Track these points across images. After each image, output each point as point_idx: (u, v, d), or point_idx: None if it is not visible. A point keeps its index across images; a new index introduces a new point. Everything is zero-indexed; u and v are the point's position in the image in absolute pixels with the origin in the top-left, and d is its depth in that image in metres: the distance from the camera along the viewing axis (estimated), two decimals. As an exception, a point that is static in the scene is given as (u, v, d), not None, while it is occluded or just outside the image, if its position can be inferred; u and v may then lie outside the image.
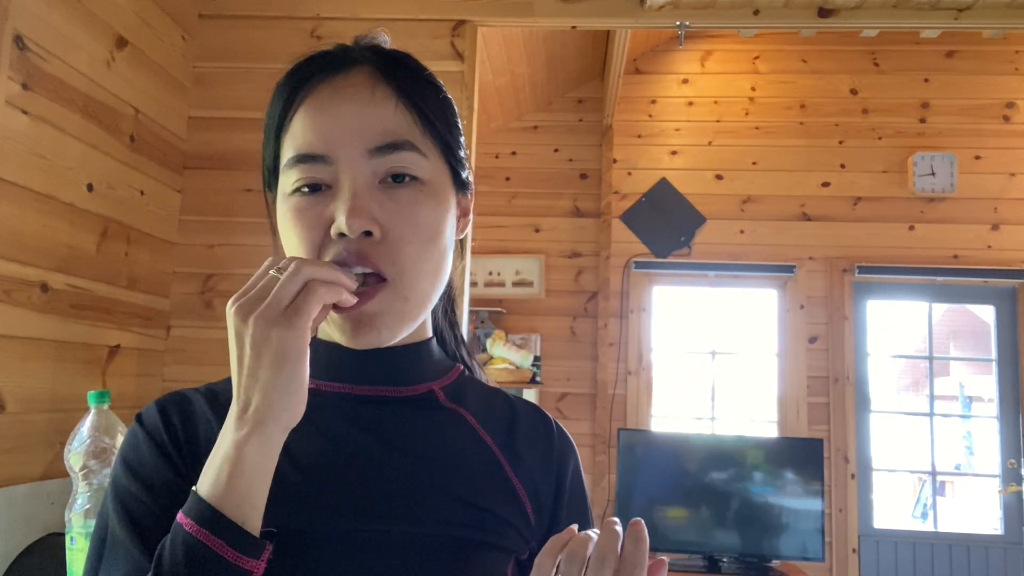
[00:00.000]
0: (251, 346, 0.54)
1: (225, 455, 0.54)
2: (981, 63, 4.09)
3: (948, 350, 5.58)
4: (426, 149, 0.66)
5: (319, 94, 0.65)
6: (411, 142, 0.65)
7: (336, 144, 0.63)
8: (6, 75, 1.48)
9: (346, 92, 0.65)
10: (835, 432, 3.86)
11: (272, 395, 0.54)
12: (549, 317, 4.05)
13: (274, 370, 0.54)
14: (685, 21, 2.28)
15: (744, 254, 4.00)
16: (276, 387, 0.54)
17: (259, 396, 0.54)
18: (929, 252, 3.94)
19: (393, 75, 0.67)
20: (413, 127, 0.66)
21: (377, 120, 0.64)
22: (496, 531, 0.66)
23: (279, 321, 0.54)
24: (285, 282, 0.55)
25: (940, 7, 2.25)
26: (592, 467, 3.90)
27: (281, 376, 0.54)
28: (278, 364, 0.54)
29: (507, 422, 0.75)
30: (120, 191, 1.86)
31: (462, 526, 0.64)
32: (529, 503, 0.70)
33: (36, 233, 1.58)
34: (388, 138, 0.64)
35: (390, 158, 0.64)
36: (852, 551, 3.78)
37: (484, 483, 0.68)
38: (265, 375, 0.54)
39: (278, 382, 0.54)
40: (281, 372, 0.54)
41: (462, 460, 0.69)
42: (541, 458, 0.73)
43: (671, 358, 4.09)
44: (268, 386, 0.54)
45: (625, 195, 4.10)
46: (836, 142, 4.07)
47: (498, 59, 3.41)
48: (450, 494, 0.65)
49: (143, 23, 1.94)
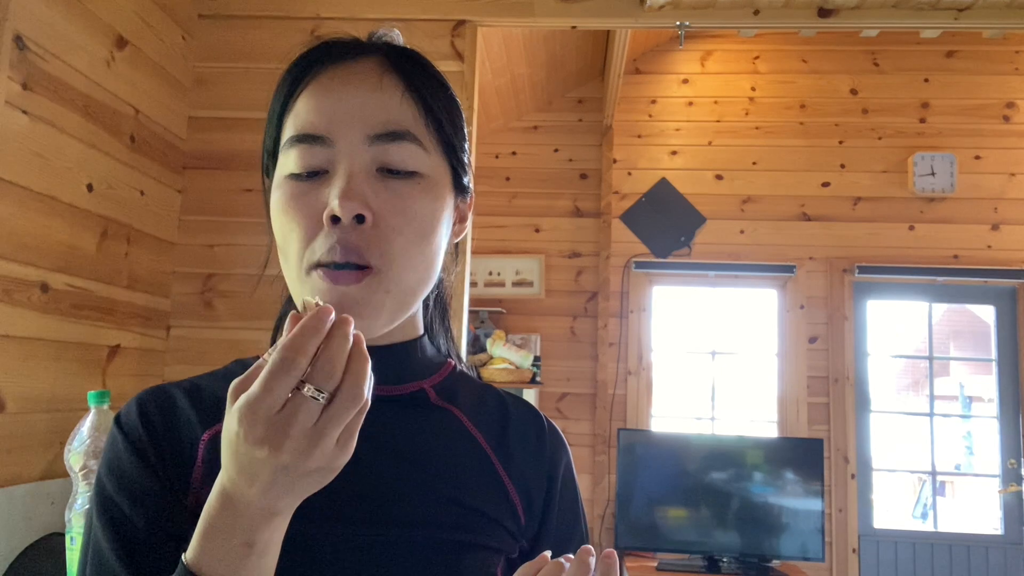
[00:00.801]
0: (280, 472, 0.47)
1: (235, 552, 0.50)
2: (981, 63, 4.09)
3: (948, 350, 5.58)
4: (428, 144, 0.65)
5: (326, 78, 0.64)
6: (414, 134, 0.64)
7: (337, 127, 0.62)
8: (6, 75, 1.48)
9: (353, 78, 0.64)
10: (835, 432, 3.86)
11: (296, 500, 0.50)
12: (549, 317, 4.05)
13: (312, 489, 0.50)
14: (685, 21, 2.28)
15: (744, 254, 4.00)
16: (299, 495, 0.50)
17: (287, 501, 0.50)
18: (929, 252, 3.94)
19: (402, 67, 0.66)
20: (417, 120, 0.65)
21: (381, 108, 0.63)
22: (487, 532, 0.66)
23: (331, 463, 0.48)
24: (337, 416, 0.47)
25: (940, 7, 2.25)
26: (592, 467, 3.90)
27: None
28: (318, 485, 0.50)
29: (499, 420, 0.74)
30: (120, 191, 1.86)
31: (453, 528, 0.64)
32: (520, 503, 0.69)
33: (36, 233, 1.58)
34: (391, 127, 0.63)
35: (391, 147, 0.63)
36: (852, 551, 3.78)
37: (475, 483, 0.67)
38: (298, 496, 0.50)
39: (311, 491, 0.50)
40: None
41: (453, 460, 0.68)
42: (533, 457, 0.73)
43: (671, 358, 4.09)
44: (294, 502, 0.50)
45: (625, 195, 4.10)
46: (836, 142, 4.07)
47: (498, 59, 3.41)
48: (441, 495, 0.65)
49: (143, 23, 1.94)
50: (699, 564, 3.42)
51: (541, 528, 0.71)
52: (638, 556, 3.62)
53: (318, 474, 0.48)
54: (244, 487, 0.48)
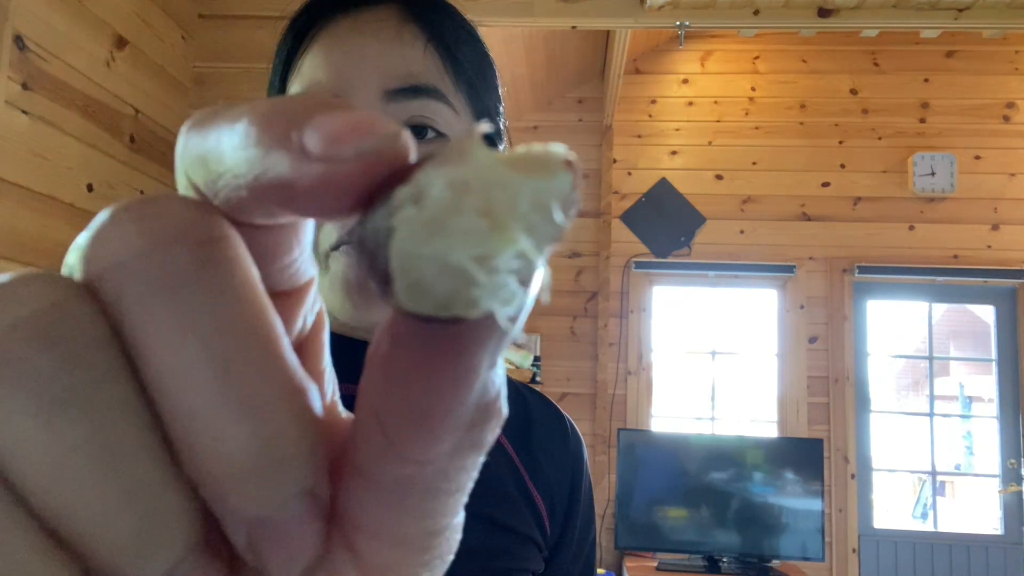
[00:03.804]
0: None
1: None
2: (981, 63, 4.09)
3: (948, 350, 5.58)
4: (457, 104, 0.56)
5: (336, 29, 0.55)
6: (440, 91, 0.55)
7: (349, 82, 0.53)
8: (6, 75, 1.48)
9: (368, 27, 0.55)
10: (835, 432, 3.86)
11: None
12: (549, 317, 4.05)
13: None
14: (685, 21, 2.28)
15: (744, 254, 4.00)
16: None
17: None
18: (929, 252, 3.94)
19: (425, 16, 0.57)
20: (444, 76, 0.56)
21: (400, 60, 0.54)
22: (521, 554, 0.60)
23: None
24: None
25: (940, 7, 2.25)
26: (592, 467, 3.88)
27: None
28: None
29: (522, 421, 0.67)
30: (120, 191, 1.86)
31: (494, 555, 0.58)
32: (545, 511, 0.64)
33: (36, 233, 1.58)
34: (411, 80, 0.54)
35: (412, 104, 0.54)
36: (852, 551, 3.78)
37: (508, 499, 0.61)
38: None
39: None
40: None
41: (488, 476, 0.58)
42: (557, 463, 0.67)
43: (671, 358, 4.09)
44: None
45: (625, 195, 4.10)
46: (836, 142, 4.07)
47: (498, 59, 3.38)
48: (480, 518, 0.56)
49: (143, 23, 1.94)
50: (699, 564, 3.42)
51: (563, 534, 0.66)
52: (638, 556, 3.63)
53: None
54: None
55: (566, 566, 0.66)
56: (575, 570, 0.67)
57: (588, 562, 0.70)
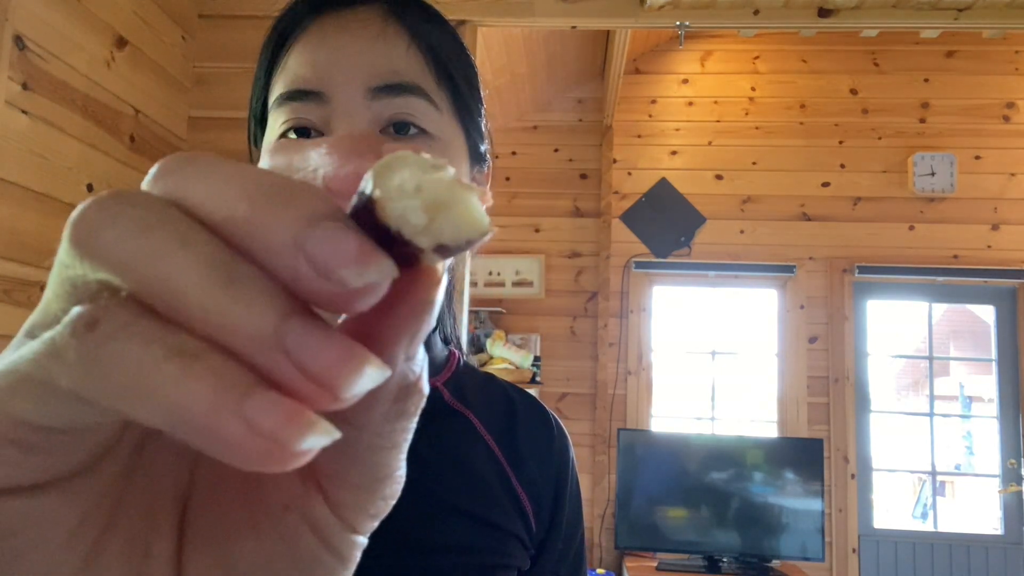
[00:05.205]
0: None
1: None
2: (981, 63, 4.09)
3: (948, 350, 5.58)
4: (439, 102, 0.58)
5: (320, 27, 0.57)
6: (422, 88, 0.56)
7: (333, 79, 0.55)
8: (6, 75, 1.48)
9: (351, 26, 0.57)
10: (835, 432, 3.86)
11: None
12: (549, 317, 4.05)
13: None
14: (685, 21, 2.28)
15: (744, 254, 4.00)
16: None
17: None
18: (929, 252, 3.94)
19: (408, 15, 0.58)
20: (426, 74, 0.57)
21: (384, 58, 0.56)
22: (506, 551, 0.62)
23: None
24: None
25: (940, 7, 2.25)
26: (592, 467, 3.90)
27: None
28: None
29: (507, 420, 0.69)
30: (120, 191, 1.86)
31: (478, 551, 0.59)
32: (531, 509, 0.66)
33: (36, 233, 1.58)
34: (395, 78, 0.55)
35: (395, 102, 0.55)
36: (852, 551, 3.78)
37: (493, 497, 0.62)
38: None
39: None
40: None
41: (472, 472, 0.63)
42: (542, 461, 0.69)
43: (671, 358, 4.09)
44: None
45: (625, 195, 4.10)
46: (836, 142, 4.07)
47: (498, 59, 3.41)
48: (463, 514, 0.60)
49: (143, 23, 1.94)
50: (699, 564, 3.42)
51: (549, 532, 0.67)
52: (638, 556, 3.63)
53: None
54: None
55: (553, 564, 0.67)
56: (562, 569, 0.68)
57: (577, 562, 0.70)
